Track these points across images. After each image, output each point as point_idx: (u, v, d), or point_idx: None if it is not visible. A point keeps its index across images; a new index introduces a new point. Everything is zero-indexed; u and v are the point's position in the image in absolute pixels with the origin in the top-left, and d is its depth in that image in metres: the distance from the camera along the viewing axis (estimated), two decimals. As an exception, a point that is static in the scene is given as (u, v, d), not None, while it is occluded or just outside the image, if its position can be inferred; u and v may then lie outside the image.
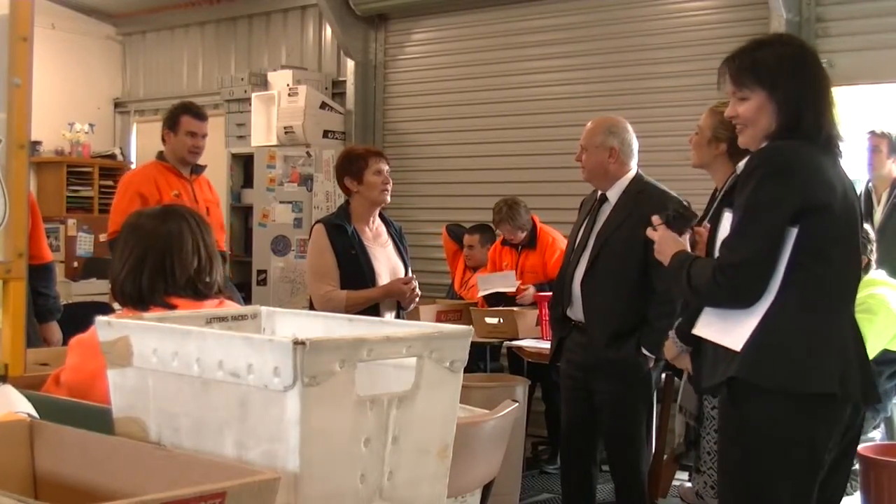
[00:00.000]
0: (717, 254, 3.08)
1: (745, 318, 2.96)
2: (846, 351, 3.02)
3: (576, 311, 4.84)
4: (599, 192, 4.90)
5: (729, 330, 2.99)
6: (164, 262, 2.93)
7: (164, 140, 6.01)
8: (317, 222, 5.20)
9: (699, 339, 3.18)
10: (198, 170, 6.11)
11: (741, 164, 3.18)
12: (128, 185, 5.99)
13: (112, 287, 3.02)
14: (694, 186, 4.56)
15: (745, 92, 3.13)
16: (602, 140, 4.81)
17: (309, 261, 5.17)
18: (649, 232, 3.37)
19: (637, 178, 4.84)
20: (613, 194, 4.82)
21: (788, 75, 3.11)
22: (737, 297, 2.98)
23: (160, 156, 6.05)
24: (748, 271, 2.95)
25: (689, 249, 3.27)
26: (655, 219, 3.37)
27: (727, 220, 3.08)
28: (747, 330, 2.94)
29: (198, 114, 6.04)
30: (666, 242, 3.30)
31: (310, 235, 5.18)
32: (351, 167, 5.12)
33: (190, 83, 10.88)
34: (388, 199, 5.14)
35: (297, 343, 1.71)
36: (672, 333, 4.34)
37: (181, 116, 5.95)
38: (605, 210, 4.84)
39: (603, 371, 4.74)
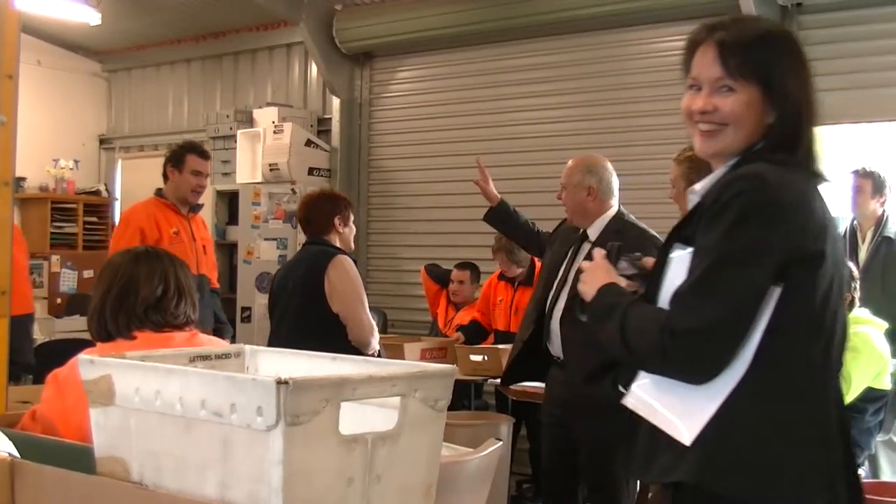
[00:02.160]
0: (661, 302, 2.28)
1: (697, 398, 2.19)
2: (832, 449, 2.26)
3: (555, 348, 4.86)
4: (581, 229, 4.93)
5: (674, 411, 2.26)
6: (125, 292, 2.95)
7: (166, 178, 6.03)
8: (339, 255, 5.16)
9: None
10: (196, 208, 6.15)
11: (699, 186, 2.40)
12: (128, 220, 5.99)
13: (87, 322, 3.04)
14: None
15: (734, 81, 2.31)
16: (580, 179, 4.86)
17: (354, 291, 5.11)
18: (583, 263, 2.55)
19: (617, 216, 4.88)
20: (594, 232, 4.86)
21: (791, 73, 2.36)
22: (689, 372, 2.20)
23: (159, 193, 6.06)
24: (711, 342, 2.15)
25: (621, 283, 2.45)
26: (598, 251, 2.55)
27: (680, 260, 2.28)
28: (701, 417, 2.18)
29: (203, 153, 6.08)
30: (594, 272, 2.48)
31: (326, 267, 5.09)
32: (346, 210, 5.30)
33: (175, 120, 10.89)
34: None
35: (281, 382, 1.70)
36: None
37: (187, 155, 5.97)
38: (586, 248, 4.87)
39: (581, 408, 4.74)
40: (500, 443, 3.07)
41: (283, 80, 9.93)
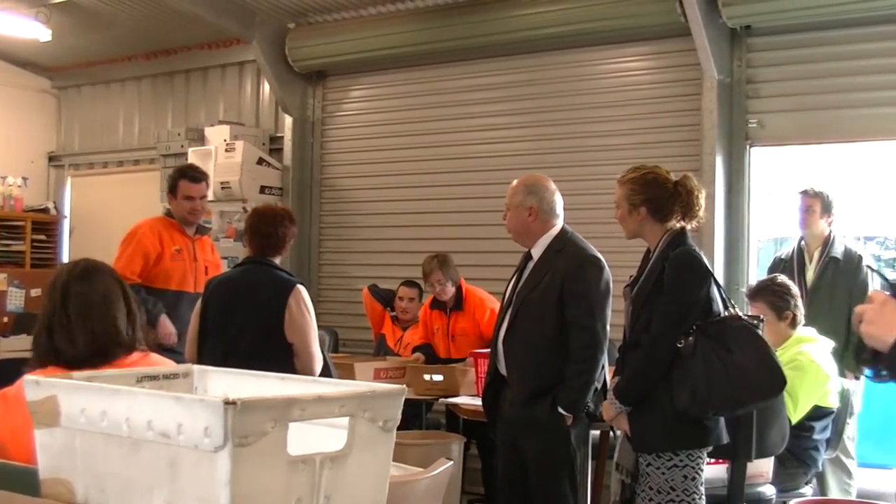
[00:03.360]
0: None
1: None
2: None
3: (502, 367, 4.89)
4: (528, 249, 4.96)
5: None
6: (81, 317, 2.92)
7: (169, 202, 6.28)
8: (299, 284, 5.12)
9: None
10: (202, 230, 6.37)
11: None
12: (134, 233, 6.12)
13: (33, 342, 2.99)
14: (639, 243, 4.60)
15: None
16: (521, 199, 4.90)
17: (311, 323, 5.08)
18: (859, 308, 2.18)
19: (559, 236, 4.91)
20: (537, 252, 4.91)
21: None
22: None
23: (168, 213, 6.29)
24: None
25: None
26: (877, 293, 2.18)
27: None
28: None
29: (194, 177, 6.22)
30: (885, 310, 2.11)
31: (287, 297, 5.03)
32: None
33: (126, 138, 10.80)
34: None
35: (229, 403, 1.69)
36: (610, 394, 4.38)
37: (179, 181, 6.17)
38: (529, 267, 4.90)
39: (524, 428, 4.79)
40: (451, 462, 3.07)
41: (236, 98, 9.89)
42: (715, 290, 4.26)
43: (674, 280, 4.22)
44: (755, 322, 4.26)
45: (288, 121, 9.28)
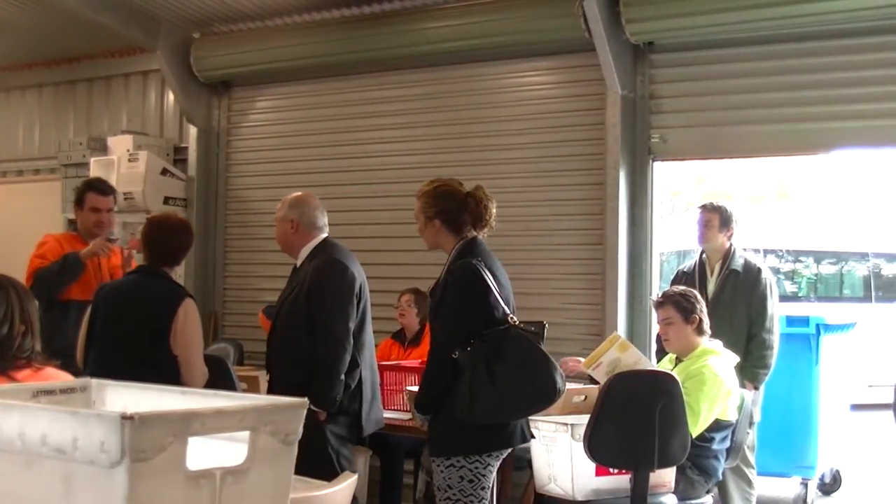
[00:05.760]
0: None
1: None
2: None
3: None
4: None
5: None
6: None
7: (75, 214, 6.31)
8: (188, 298, 5.09)
9: None
10: (110, 241, 6.26)
11: None
12: (39, 245, 6.15)
13: None
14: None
15: None
16: (284, 213, 5.28)
17: (198, 338, 5.10)
18: None
19: (319, 246, 5.21)
20: (299, 261, 5.25)
21: None
22: None
23: (73, 227, 6.39)
24: None
25: None
26: None
27: None
28: None
29: (102, 190, 6.29)
30: None
31: (176, 308, 5.00)
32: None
33: (26, 146, 10.58)
34: None
35: (126, 417, 1.67)
36: (411, 405, 4.66)
37: (86, 193, 6.22)
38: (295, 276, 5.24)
39: None
40: (355, 475, 3.06)
41: (139, 107, 9.75)
42: (496, 300, 4.35)
43: (450, 292, 4.39)
44: (534, 329, 4.41)
45: (193, 131, 9.19)
